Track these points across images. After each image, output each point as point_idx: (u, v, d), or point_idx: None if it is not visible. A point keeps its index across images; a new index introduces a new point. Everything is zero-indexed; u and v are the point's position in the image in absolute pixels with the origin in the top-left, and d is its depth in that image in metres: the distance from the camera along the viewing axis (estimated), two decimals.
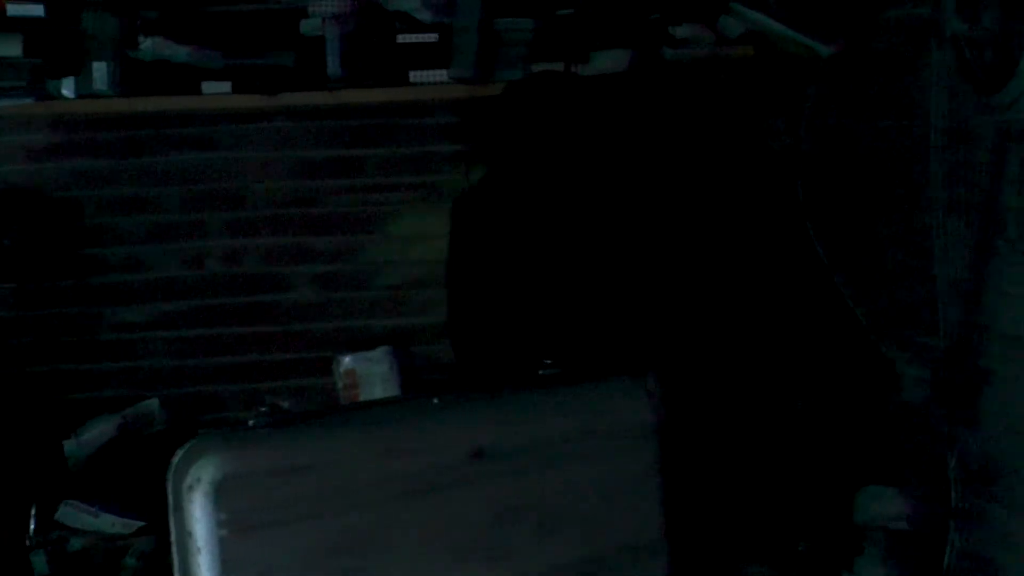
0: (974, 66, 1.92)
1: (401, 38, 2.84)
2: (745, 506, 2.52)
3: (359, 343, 2.99)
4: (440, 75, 2.82)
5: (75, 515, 2.61)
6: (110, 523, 2.60)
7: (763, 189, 2.60)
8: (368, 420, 1.55)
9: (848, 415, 2.69)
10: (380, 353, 2.90)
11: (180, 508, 1.43)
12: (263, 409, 1.52)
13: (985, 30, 1.91)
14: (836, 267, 2.38)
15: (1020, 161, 2.04)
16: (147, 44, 2.79)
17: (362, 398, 2.78)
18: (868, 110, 2.71)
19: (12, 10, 2.74)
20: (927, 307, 2.40)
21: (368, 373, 2.88)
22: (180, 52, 2.82)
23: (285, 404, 2.70)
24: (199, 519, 1.40)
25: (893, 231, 2.66)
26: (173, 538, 1.46)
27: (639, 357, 2.28)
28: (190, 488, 1.41)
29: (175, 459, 1.47)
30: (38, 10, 2.75)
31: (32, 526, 2.57)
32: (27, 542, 2.53)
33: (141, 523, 2.57)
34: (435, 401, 1.51)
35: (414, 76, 2.84)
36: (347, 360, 2.90)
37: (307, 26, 2.86)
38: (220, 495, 1.40)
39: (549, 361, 1.55)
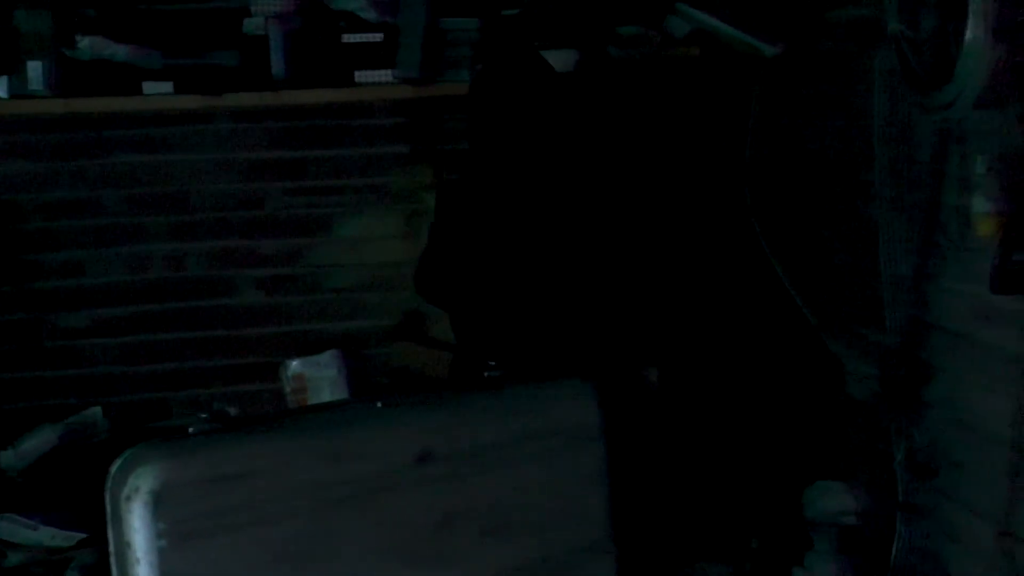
0: (914, 67, 1.94)
1: (346, 38, 2.81)
2: (698, 503, 2.53)
3: (308, 347, 2.97)
4: (386, 75, 2.79)
5: (14, 529, 2.54)
6: (50, 536, 2.52)
7: (710, 191, 2.62)
8: (311, 425, 1.53)
9: (798, 412, 2.72)
10: (329, 357, 2.88)
11: (118, 518, 1.40)
12: (203, 416, 1.49)
13: (924, 32, 1.93)
14: (783, 266, 2.39)
15: (960, 160, 2.07)
16: (85, 43, 2.73)
17: (311, 403, 2.76)
18: (813, 110, 2.74)
19: None
20: (874, 305, 2.42)
21: (317, 377, 2.86)
22: (119, 51, 2.75)
23: (232, 410, 2.67)
24: (138, 529, 1.37)
25: (839, 230, 2.69)
26: (112, 549, 1.43)
27: (590, 355, 2.29)
28: (128, 498, 1.38)
29: (113, 468, 1.44)
30: None
31: None
32: None
33: (83, 535, 2.50)
34: (378, 405, 1.49)
35: (359, 76, 2.81)
36: (295, 364, 2.87)
37: (250, 25, 2.82)
38: (159, 504, 1.37)
39: (494, 363, 1.54)
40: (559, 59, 2.67)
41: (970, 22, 1.74)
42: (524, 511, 1.50)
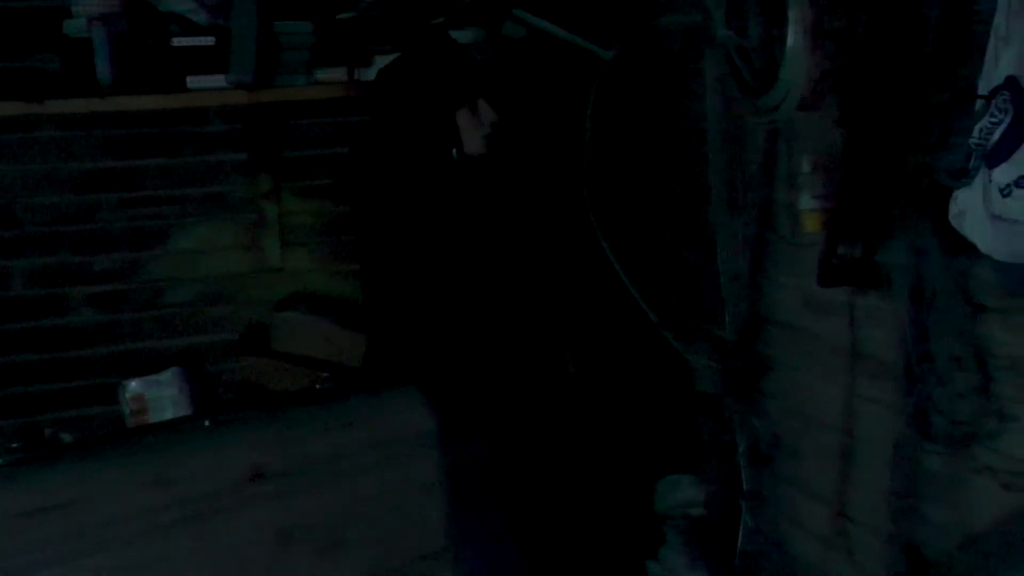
0: (743, 73, 2.00)
1: (176, 41, 2.69)
2: (549, 506, 2.54)
3: (147, 366, 2.83)
4: (219, 80, 2.69)
5: None
6: None
7: (546, 191, 2.64)
8: (133, 449, 1.45)
9: (646, 408, 2.76)
10: (169, 375, 2.76)
11: None
12: (14, 446, 1.39)
13: (751, 39, 2.00)
14: (622, 264, 2.43)
15: (788, 160, 2.15)
16: None
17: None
18: (651, 112, 2.80)
19: None
20: (714, 300, 2.49)
21: (157, 397, 2.74)
22: None
23: (67, 437, 2.52)
24: None
25: (680, 229, 2.75)
26: None
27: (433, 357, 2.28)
28: None
29: None
30: None
31: None
32: None
33: None
34: (206, 424, 1.42)
35: (192, 82, 2.70)
36: (134, 385, 2.75)
37: (71, 26, 2.66)
38: None
39: (327, 375, 1.50)
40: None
41: (790, 29, 1.81)
42: (362, 524, 1.47)
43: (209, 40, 2.69)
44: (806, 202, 1.96)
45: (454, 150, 2.45)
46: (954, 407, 1.78)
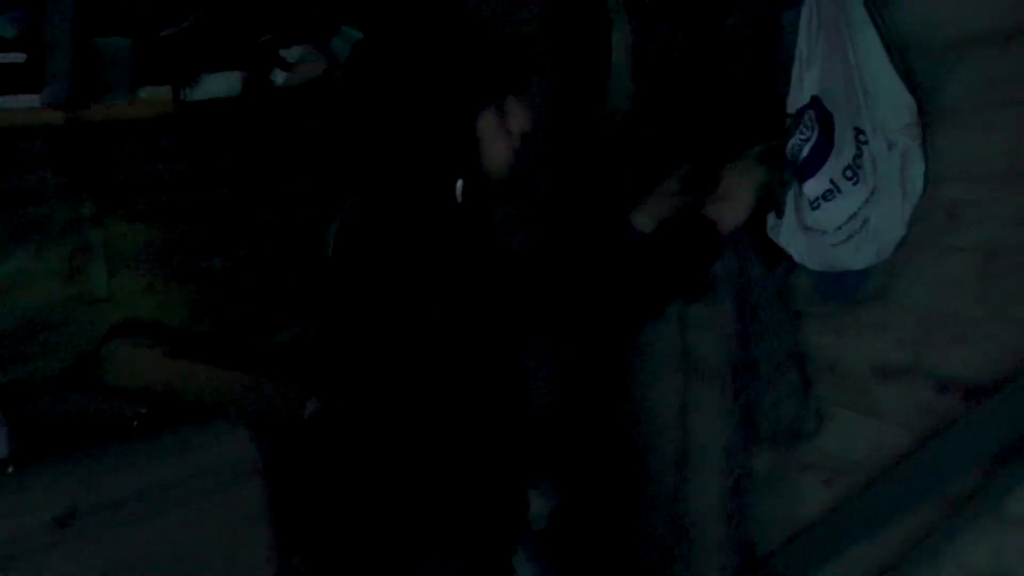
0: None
1: None
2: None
3: None
4: (32, 100, 2.54)
5: None
6: None
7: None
8: None
9: (493, 424, 2.76)
10: None
11: None
12: None
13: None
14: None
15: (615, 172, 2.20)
16: None
17: None
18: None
19: None
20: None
21: None
22: None
23: None
24: None
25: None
26: None
27: None
28: None
29: None
30: None
31: None
32: None
33: None
34: (10, 470, 1.33)
35: (2, 101, 2.54)
36: None
37: None
38: None
39: (144, 410, 1.43)
40: (223, 83, 2.56)
41: (614, 50, 1.88)
42: (184, 557, 1.40)
43: (20, 57, 2.53)
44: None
45: (459, 184, 1.57)
46: (778, 409, 1.86)
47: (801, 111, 1.61)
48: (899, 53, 1.48)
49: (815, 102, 1.58)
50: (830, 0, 1.53)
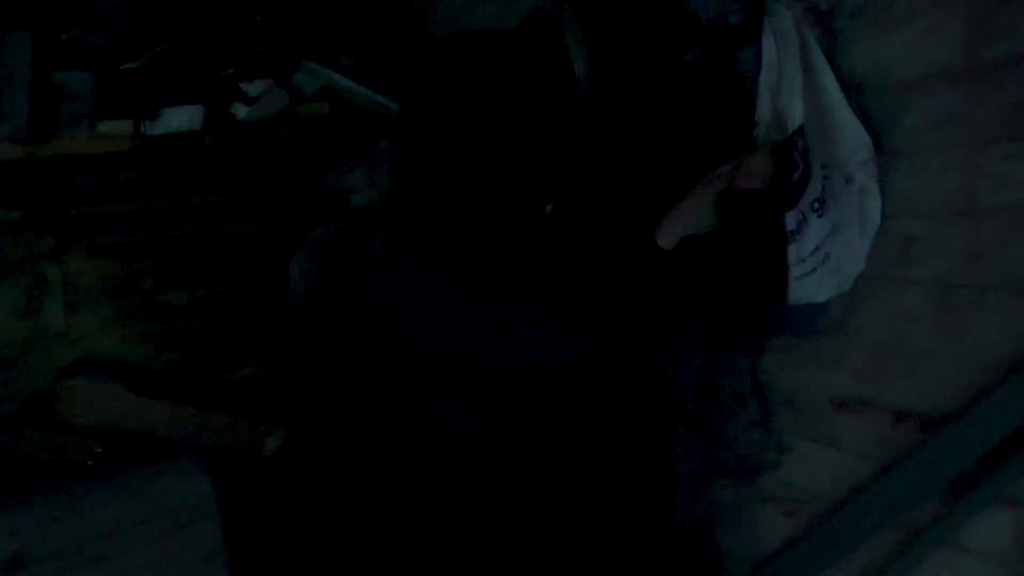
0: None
1: None
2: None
3: None
4: None
5: None
6: None
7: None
8: None
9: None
10: None
11: None
12: None
13: None
14: None
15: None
16: None
17: None
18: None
19: None
20: None
21: None
22: None
23: None
24: None
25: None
26: None
27: None
28: None
29: None
30: None
31: None
32: None
33: None
34: None
35: None
36: None
37: None
38: None
39: (99, 449, 1.40)
40: (184, 117, 2.55)
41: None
42: None
43: None
44: None
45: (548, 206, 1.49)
46: (740, 441, 1.87)
47: (793, 136, 1.57)
48: (854, 93, 1.50)
49: (801, 131, 1.56)
50: (793, 40, 1.55)
